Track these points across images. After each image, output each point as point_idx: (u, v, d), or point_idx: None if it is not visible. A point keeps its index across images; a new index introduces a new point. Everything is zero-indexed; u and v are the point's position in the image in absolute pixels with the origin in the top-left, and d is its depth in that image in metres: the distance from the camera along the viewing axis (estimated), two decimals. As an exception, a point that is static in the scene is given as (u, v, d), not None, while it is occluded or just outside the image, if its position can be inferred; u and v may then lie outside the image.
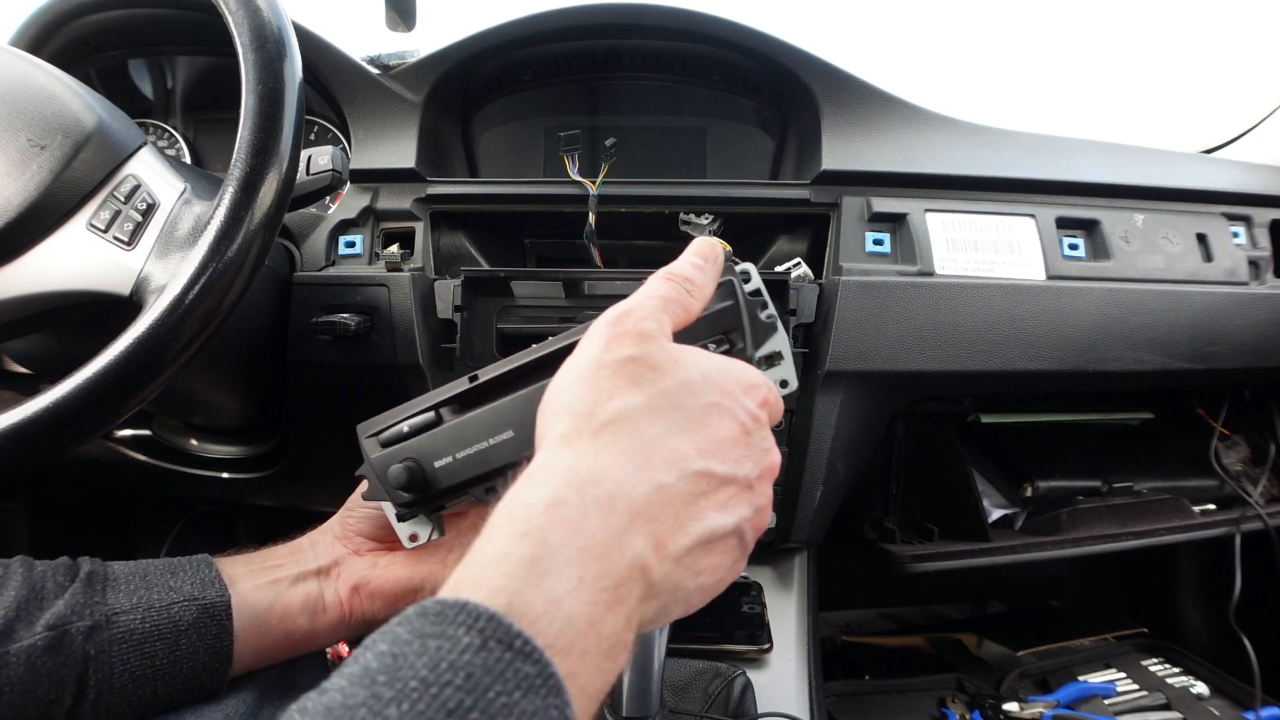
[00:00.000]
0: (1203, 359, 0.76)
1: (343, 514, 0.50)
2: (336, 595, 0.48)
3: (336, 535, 0.50)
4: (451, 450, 0.40)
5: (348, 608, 0.48)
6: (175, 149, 0.88)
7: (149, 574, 0.44)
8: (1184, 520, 0.88)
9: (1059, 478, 0.89)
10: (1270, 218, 0.82)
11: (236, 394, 0.77)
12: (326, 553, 0.49)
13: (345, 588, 0.48)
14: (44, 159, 0.50)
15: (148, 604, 0.41)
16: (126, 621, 0.41)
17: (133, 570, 0.44)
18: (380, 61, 0.79)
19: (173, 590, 0.43)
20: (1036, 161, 0.77)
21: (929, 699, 0.85)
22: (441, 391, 0.42)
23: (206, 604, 0.43)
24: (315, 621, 0.47)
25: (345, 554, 0.49)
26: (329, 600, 0.48)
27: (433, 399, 0.42)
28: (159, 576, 0.43)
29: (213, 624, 0.43)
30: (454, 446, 0.40)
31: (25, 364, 0.72)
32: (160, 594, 0.42)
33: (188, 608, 0.42)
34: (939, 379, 0.71)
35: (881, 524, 0.87)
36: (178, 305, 0.46)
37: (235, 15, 0.51)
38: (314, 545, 0.50)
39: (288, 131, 0.50)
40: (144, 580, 0.43)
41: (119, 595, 0.41)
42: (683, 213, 0.70)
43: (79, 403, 0.45)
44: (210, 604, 0.43)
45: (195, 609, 0.42)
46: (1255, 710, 0.84)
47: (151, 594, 0.42)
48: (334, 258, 0.73)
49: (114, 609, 0.41)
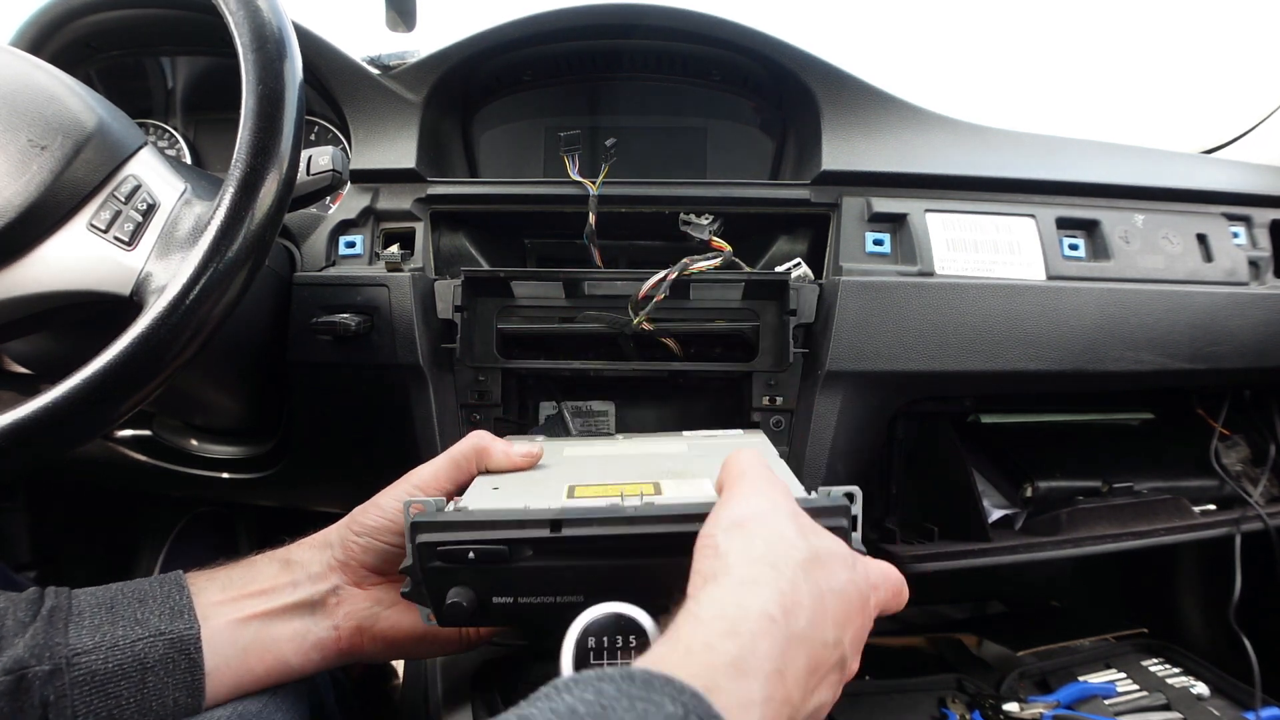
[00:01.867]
0: (1203, 359, 0.76)
1: (345, 538, 0.47)
2: (334, 632, 0.46)
3: (334, 561, 0.47)
4: (514, 592, 0.38)
5: (346, 645, 0.46)
6: (175, 149, 0.88)
7: (116, 604, 0.41)
8: (1184, 520, 0.88)
9: (1059, 478, 0.89)
10: (1270, 218, 0.82)
11: (237, 394, 0.77)
12: (320, 578, 0.46)
13: (347, 626, 0.46)
14: (44, 159, 0.50)
15: (111, 641, 0.39)
16: (88, 663, 0.38)
17: (99, 600, 0.41)
18: (380, 61, 0.79)
19: (139, 624, 0.40)
20: (1036, 161, 0.77)
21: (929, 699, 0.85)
22: (514, 513, 0.38)
23: (174, 638, 0.40)
24: (304, 658, 0.45)
25: (342, 583, 0.46)
26: (322, 637, 0.45)
27: (501, 515, 0.38)
28: (126, 607, 0.41)
29: (181, 659, 0.40)
30: (518, 590, 0.37)
31: (25, 364, 0.72)
32: (125, 629, 0.40)
33: (153, 644, 0.40)
34: (939, 379, 0.71)
35: (882, 524, 0.87)
36: (178, 305, 0.46)
37: (235, 15, 0.51)
38: (305, 566, 0.47)
39: (288, 132, 0.50)
40: (110, 613, 0.40)
41: (81, 633, 0.39)
42: (683, 213, 0.70)
43: (79, 403, 0.45)
44: (178, 638, 0.40)
45: (162, 644, 0.40)
46: (1255, 710, 0.84)
47: (116, 629, 0.40)
48: (334, 258, 0.73)
49: (75, 649, 0.38)
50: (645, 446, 0.56)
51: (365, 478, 0.86)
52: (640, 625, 0.36)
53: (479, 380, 0.71)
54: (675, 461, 0.50)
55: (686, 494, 0.42)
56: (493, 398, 0.71)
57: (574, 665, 0.35)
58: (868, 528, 0.90)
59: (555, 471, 0.49)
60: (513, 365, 0.72)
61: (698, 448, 0.55)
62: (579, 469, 0.49)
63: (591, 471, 0.48)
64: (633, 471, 0.47)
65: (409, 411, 0.70)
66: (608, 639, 0.36)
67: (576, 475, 0.47)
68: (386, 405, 0.71)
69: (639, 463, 0.50)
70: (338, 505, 1.05)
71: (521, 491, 0.44)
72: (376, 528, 0.46)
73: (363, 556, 0.47)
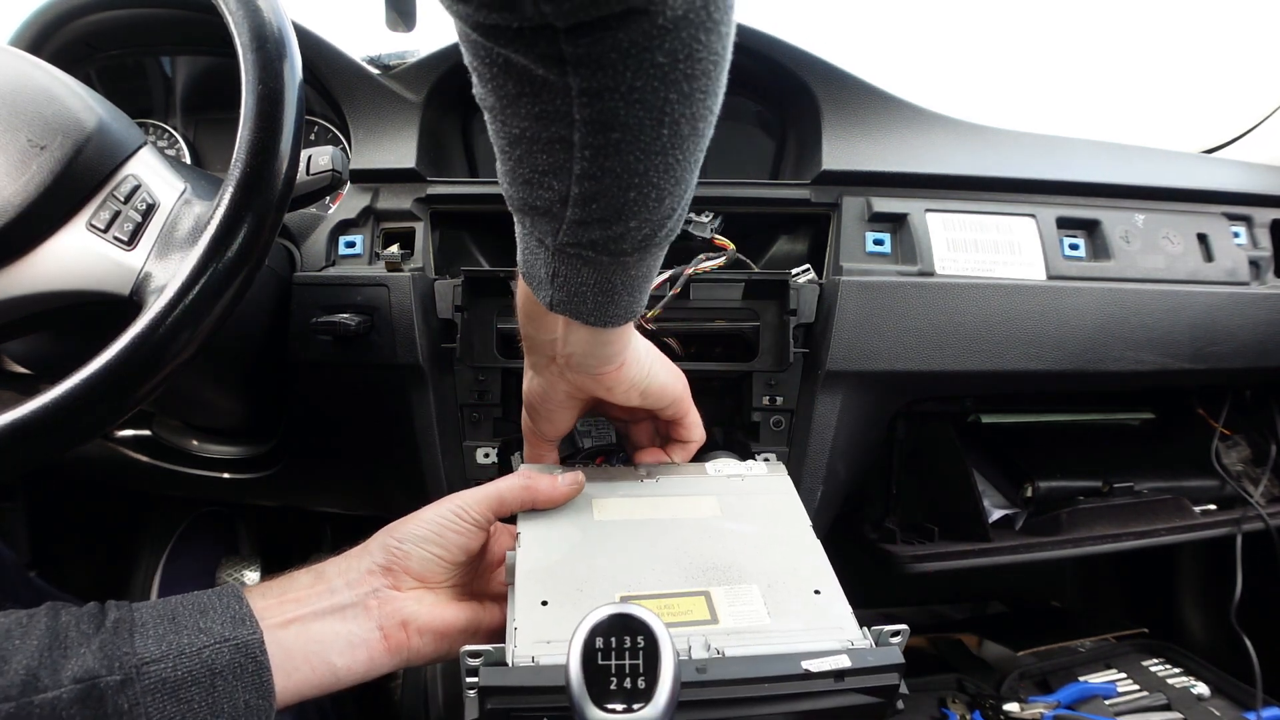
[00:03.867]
0: (1203, 359, 0.76)
1: (387, 544, 0.47)
2: (378, 632, 0.46)
3: (374, 566, 0.47)
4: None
5: (393, 643, 0.46)
6: (175, 149, 0.88)
7: (178, 615, 0.42)
8: (1185, 520, 0.88)
9: (1059, 478, 0.89)
10: (1271, 218, 0.82)
11: (237, 394, 0.77)
12: (357, 583, 0.46)
13: (391, 624, 0.46)
14: (44, 159, 0.50)
15: (178, 650, 0.39)
16: (158, 671, 0.39)
17: (160, 612, 0.42)
18: (380, 61, 0.79)
19: (203, 632, 0.41)
20: (1037, 161, 0.77)
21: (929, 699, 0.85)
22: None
23: (239, 643, 0.41)
24: (350, 660, 0.45)
25: (381, 586, 0.46)
26: (366, 637, 0.45)
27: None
28: (188, 617, 0.41)
29: (249, 662, 0.41)
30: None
31: (25, 364, 0.72)
32: (190, 637, 0.40)
33: (220, 650, 0.40)
34: (939, 379, 0.71)
35: (882, 524, 0.87)
36: (177, 305, 0.46)
37: (235, 15, 0.51)
38: (341, 574, 0.47)
39: (288, 131, 0.50)
40: (173, 623, 0.41)
41: (148, 642, 0.39)
42: (682, 212, 0.70)
43: (79, 402, 0.44)
44: (243, 643, 0.41)
45: (229, 650, 0.40)
46: (1256, 711, 0.84)
47: (181, 638, 0.40)
48: (334, 258, 0.73)
49: (143, 658, 0.39)
50: (673, 502, 0.54)
51: (365, 478, 0.86)
52: (647, 625, 0.36)
53: (479, 380, 0.71)
54: (712, 541, 0.50)
55: (739, 614, 0.43)
56: (493, 398, 0.71)
57: (581, 665, 0.35)
58: (868, 528, 0.90)
59: (598, 564, 0.48)
60: (513, 365, 0.72)
61: (729, 504, 0.53)
62: (621, 556, 0.48)
63: (637, 561, 0.47)
64: (677, 568, 0.47)
65: (409, 411, 0.70)
66: (615, 639, 0.36)
67: (624, 572, 0.46)
68: (386, 405, 0.71)
69: (677, 545, 0.49)
70: (338, 505, 1.05)
71: (573, 609, 0.43)
72: (421, 537, 0.47)
73: (405, 562, 0.47)
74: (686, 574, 0.47)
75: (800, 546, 0.50)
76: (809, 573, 0.47)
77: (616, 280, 0.42)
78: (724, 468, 0.58)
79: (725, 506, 0.53)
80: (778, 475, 0.58)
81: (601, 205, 0.38)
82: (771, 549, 0.49)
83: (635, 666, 0.36)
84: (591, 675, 0.35)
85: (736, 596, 0.45)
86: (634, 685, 0.35)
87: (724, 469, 0.58)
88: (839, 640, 0.42)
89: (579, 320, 0.45)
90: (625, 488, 0.55)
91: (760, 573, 0.46)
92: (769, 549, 0.49)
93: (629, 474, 0.56)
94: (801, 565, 0.48)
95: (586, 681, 0.35)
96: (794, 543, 0.50)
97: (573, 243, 0.40)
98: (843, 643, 0.41)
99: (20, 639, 0.38)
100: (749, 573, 0.47)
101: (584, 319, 0.44)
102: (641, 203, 0.38)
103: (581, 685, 0.35)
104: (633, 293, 0.44)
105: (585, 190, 0.37)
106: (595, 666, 0.35)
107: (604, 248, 0.40)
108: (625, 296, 0.44)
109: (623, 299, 0.44)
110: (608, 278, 0.42)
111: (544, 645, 0.41)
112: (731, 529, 0.51)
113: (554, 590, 0.45)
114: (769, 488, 0.56)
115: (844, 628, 0.43)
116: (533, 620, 0.43)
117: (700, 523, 0.52)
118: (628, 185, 0.37)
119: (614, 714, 0.34)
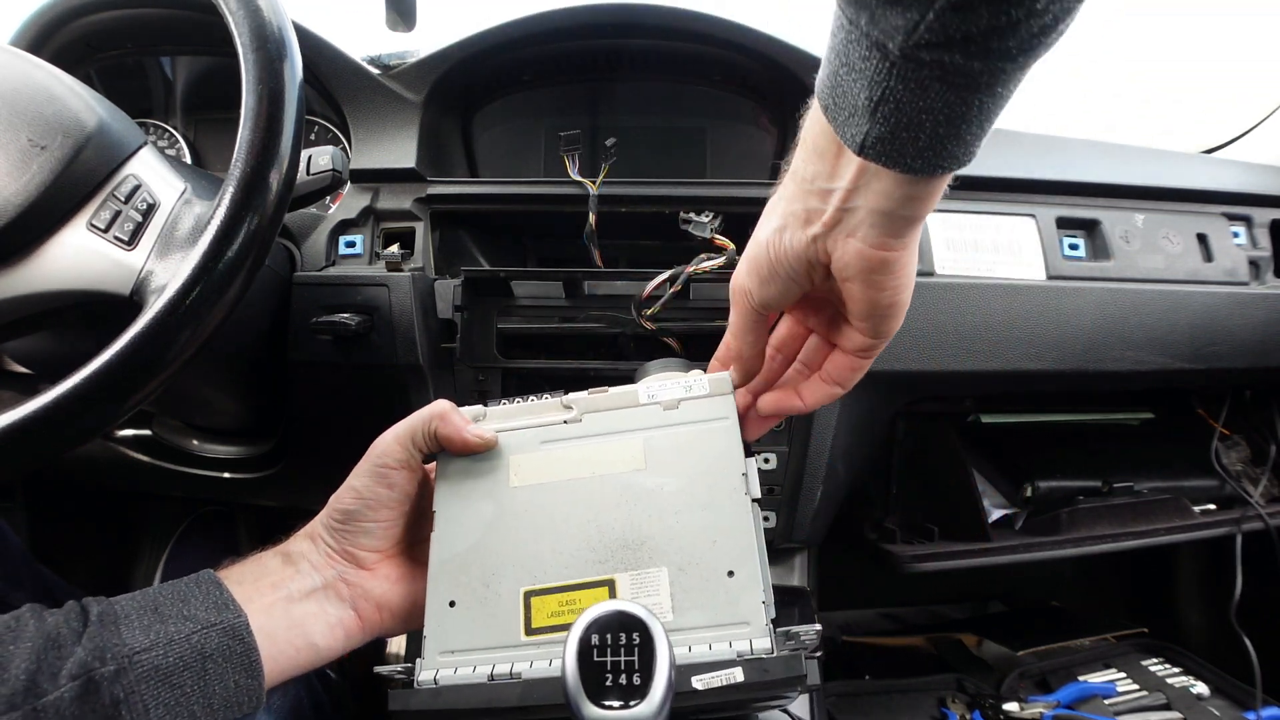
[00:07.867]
0: (1203, 359, 0.76)
1: (330, 527, 0.47)
2: (352, 612, 0.47)
3: (331, 550, 0.47)
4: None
5: (367, 621, 0.47)
6: (175, 149, 0.88)
7: (160, 604, 0.42)
8: (1184, 520, 0.89)
9: (1059, 478, 0.89)
10: (1270, 218, 0.82)
11: (237, 394, 0.77)
12: (324, 566, 0.47)
13: (364, 604, 0.47)
14: (44, 159, 0.50)
15: (166, 638, 0.40)
16: (149, 659, 0.39)
17: (141, 603, 0.42)
18: (380, 61, 0.79)
19: (188, 620, 0.41)
20: (1036, 161, 0.77)
21: (929, 699, 0.85)
22: (477, 690, 0.40)
23: (225, 627, 0.42)
24: (329, 639, 0.46)
25: (345, 568, 0.47)
26: (342, 617, 0.46)
27: (467, 695, 0.40)
28: (171, 606, 0.42)
29: (237, 644, 0.42)
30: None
31: (25, 364, 0.72)
32: (176, 625, 0.41)
33: (208, 634, 0.41)
34: (939, 379, 0.71)
35: (882, 524, 0.87)
36: (178, 305, 0.46)
37: (235, 15, 0.51)
38: (306, 556, 0.47)
39: (288, 131, 0.50)
40: (156, 613, 0.41)
41: (134, 632, 0.40)
42: (682, 211, 0.70)
43: (79, 402, 0.45)
44: (229, 626, 0.42)
45: (216, 634, 0.41)
46: (1256, 710, 0.84)
47: (168, 627, 0.41)
48: (334, 258, 0.73)
49: (133, 648, 0.39)
50: (594, 450, 0.49)
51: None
52: (643, 622, 0.36)
53: (479, 380, 0.71)
54: (629, 506, 0.46)
55: (642, 598, 0.43)
56: (493, 398, 0.71)
57: (577, 661, 0.36)
58: (868, 528, 0.90)
59: (505, 552, 0.46)
60: (513, 365, 0.72)
61: (656, 448, 0.48)
62: (530, 538, 0.46)
63: (545, 545, 0.46)
64: (586, 548, 0.45)
65: (409, 411, 0.70)
66: (610, 636, 0.36)
67: (532, 560, 0.45)
68: (387, 405, 0.71)
69: (590, 516, 0.46)
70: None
71: (479, 610, 0.44)
72: (355, 512, 0.47)
73: (355, 539, 0.47)
74: (596, 554, 0.45)
75: (726, 507, 0.44)
76: (728, 545, 0.43)
77: (973, 105, 0.31)
78: (659, 390, 0.49)
79: (651, 451, 0.47)
80: (720, 397, 0.48)
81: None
82: (692, 514, 0.45)
83: (630, 663, 0.36)
84: (587, 672, 0.35)
85: (643, 584, 0.43)
86: (629, 682, 0.35)
87: (659, 392, 0.49)
88: (741, 641, 0.40)
89: (895, 168, 0.33)
90: (545, 432, 0.50)
91: (674, 550, 0.43)
92: (689, 514, 0.45)
93: (552, 410, 0.51)
94: (721, 535, 0.44)
95: (582, 679, 0.35)
96: (719, 503, 0.45)
97: (938, 40, 0.28)
98: (742, 649, 0.39)
99: (13, 643, 0.38)
100: (661, 550, 0.44)
101: (903, 165, 0.33)
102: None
103: (578, 683, 0.35)
104: (983, 124, 0.33)
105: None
106: (591, 663, 0.36)
107: (984, 47, 0.28)
108: (973, 129, 0.32)
109: (966, 134, 0.32)
110: (965, 99, 0.31)
111: (450, 657, 0.42)
112: (653, 486, 0.46)
113: (463, 587, 0.45)
114: (709, 412, 0.48)
115: (750, 622, 0.40)
116: (443, 627, 0.44)
117: (620, 480, 0.47)
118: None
119: (610, 710, 0.35)
